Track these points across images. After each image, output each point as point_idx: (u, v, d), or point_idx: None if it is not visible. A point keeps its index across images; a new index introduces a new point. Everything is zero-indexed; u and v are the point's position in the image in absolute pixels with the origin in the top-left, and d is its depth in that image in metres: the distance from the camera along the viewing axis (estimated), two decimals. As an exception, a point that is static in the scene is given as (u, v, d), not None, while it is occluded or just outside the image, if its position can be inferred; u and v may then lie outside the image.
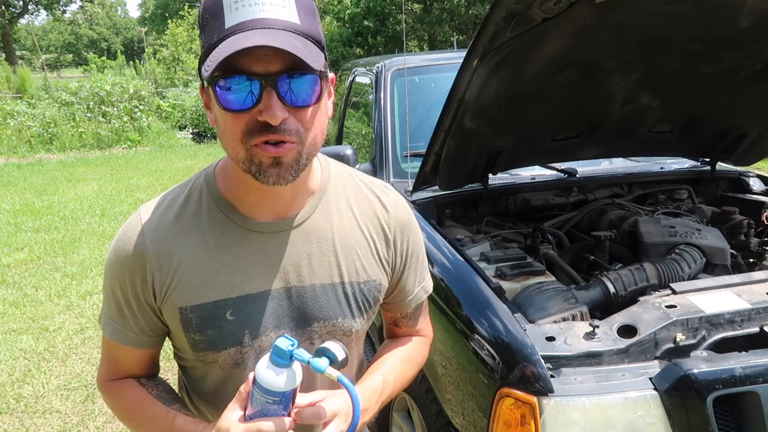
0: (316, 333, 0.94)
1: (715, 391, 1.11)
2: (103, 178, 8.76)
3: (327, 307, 0.94)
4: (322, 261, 0.93)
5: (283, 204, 0.91)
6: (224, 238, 0.89)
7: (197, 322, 0.89)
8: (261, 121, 0.76)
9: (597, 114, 2.02)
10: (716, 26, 1.61)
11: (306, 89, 0.78)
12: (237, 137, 0.78)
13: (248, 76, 0.75)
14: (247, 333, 0.90)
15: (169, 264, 0.88)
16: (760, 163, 3.04)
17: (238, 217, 0.90)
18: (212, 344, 0.90)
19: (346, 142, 3.44)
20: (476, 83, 1.57)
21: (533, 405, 1.16)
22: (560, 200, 2.35)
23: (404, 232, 1.01)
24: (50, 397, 2.98)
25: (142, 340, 0.94)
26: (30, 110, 12.11)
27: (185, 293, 0.88)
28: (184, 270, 0.88)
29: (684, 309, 1.32)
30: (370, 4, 16.16)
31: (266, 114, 0.75)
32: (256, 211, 0.90)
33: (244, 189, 0.89)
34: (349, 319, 0.96)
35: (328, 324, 0.94)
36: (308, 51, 0.76)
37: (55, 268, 4.90)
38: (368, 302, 0.98)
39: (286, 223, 0.91)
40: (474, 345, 1.39)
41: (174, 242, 0.89)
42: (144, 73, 20.97)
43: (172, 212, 0.91)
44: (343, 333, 0.96)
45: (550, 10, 1.33)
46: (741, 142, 2.25)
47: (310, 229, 0.93)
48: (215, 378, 0.95)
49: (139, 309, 0.91)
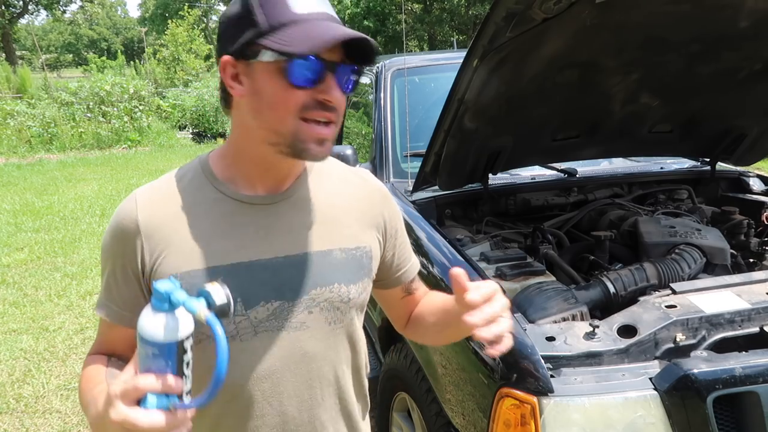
0: (314, 301, 0.95)
1: (715, 391, 1.11)
2: (103, 178, 8.76)
3: (321, 274, 0.95)
4: (314, 229, 0.97)
5: (280, 178, 0.96)
6: (216, 209, 0.93)
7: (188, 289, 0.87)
8: (319, 100, 0.85)
9: (597, 114, 2.02)
10: (716, 26, 1.61)
11: (352, 80, 0.89)
12: (292, 110, 0.85)
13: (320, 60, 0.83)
14: (239, 302, 0.91)
15: (160, 233, 0.91)
16: (760, 163, 3.04)
17: (231, 191, 0.94)
18: None
19: (346, 142, 3.44)
20: (476, 83, 1.57)
21: (533, 405, 1.16)
22: (560, 200, 2.35)
23: (387, 201, 1.08)
24: (50, 397, 2.98)
25: (123, 315, 0.93)
26: (30, 110, 12.11)
27: (176, 261, 0.90)
28: (174, 238, 0.91)
29: (684, 309, 1.32)
30: (370, 4, 16.17)
31: (328, 94, 0.85)
32: (250, 186, 0.94)
33: (249, 164, 0.93)
34: (344, 285, 0.97)
35: (325, 290, 0.96)
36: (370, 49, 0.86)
37: (55, 268, 4.90)
38: (362, 268, 1.00)
39: (277, 197, 0.96)
40: (474, 345, 1.39)
41: (165, 212, 0.92)
42: (144, 73, 20.97)
43: (165, 188, 0.95)
44: (341, 300, 0.97)
45: (550, 10, 1.33)
46: (741, 142, 2.25)
47: (301, 199, 0.97)
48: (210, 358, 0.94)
49: (125, 280, 0.92)
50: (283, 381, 0.95)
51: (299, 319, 0.95)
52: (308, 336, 0.96)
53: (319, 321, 0.96)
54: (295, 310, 0.94)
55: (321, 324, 0.96)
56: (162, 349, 0.70)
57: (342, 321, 0.99)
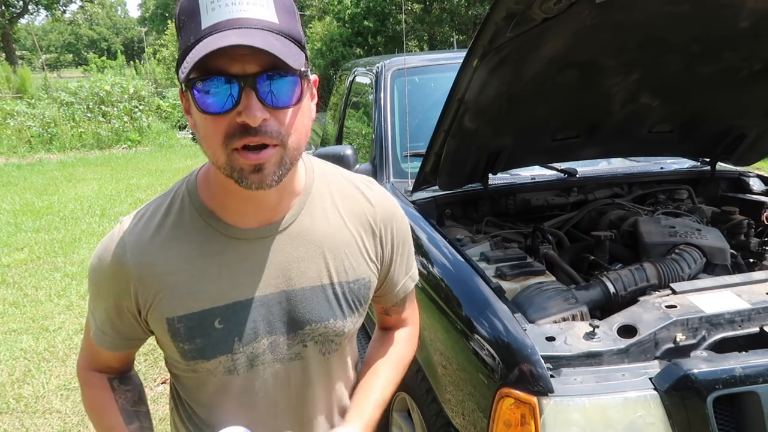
0: (308, 336, 0.93)
1: (715, 391, 1.11)
2: (103, 178, 8.76)
3: (318, 310, 0.92)
4: (310, 263, 0.92)
5: (268, 209, 0.89)
6: (208, 246, 0.87)
7: (185, 331, 0.87)
8: (240, 124, 0.74)
9: (597, 114, 2.02)
10: (716, 26, 1.61)
11: (286, 90, 0.76)
12: (217, 142, 0.76)
13: (226, 78, 0.72)
14: (236, 340, 0.89)
15: (152, 276, 0.86)
16: (760, 163, 3.05)
17: (222, 225, 0.88)
18: (202, 353, 0.89)
19: (346, 142, 3.44)
20: (476, 83, 1.57)
21: (533, 405, 1.16)
22: (560, 200, 2.35)
23: (391, 225, 1.00)
24: (50, 397, 2.98)
25: (117, 343, 0.95)
26: (30, 110, 12.11)
27: (171, 304, 0.87)
28: (168, 281, 0.86)
29: (684, 309, 1.32)
30: (370, 4, 16.16)
31: (245, 115, 0.73)
32: (241, 217, 0.88)
33: (228, 195, 0.87)
34: (341, 320, 0.95)
35: (320, 326, 0.93)
36: (287, 50, 0.74)
37: (55, 268, 4.90)
38: (358, 301, 0.97)
39: (272, 228, 0.89)
40: (474, 345, 1.39)
41: (156, 254, 0.86)
42: (144, 73, 20.97)
43: (154, 223, 0.89)
44: (336, 334, 0.95)
45: (550, 10, 1.33)
46: (741, 142, 2.25)
47: (297, 232, 0.91)
48: (209, 386, 0.95)
49: (120, 317, 0.91)
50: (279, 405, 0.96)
51: (294, 351, 0.94)
52: (303, 366, 0.96)
53: (313, 352, 0.95)
54: (290, 344, 0.93)
55: (315, 354, 0.96)
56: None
57: (337, 350, 0.99)
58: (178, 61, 0.76)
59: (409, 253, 1.08)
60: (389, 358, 1.10)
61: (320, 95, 0.97)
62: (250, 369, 0.92)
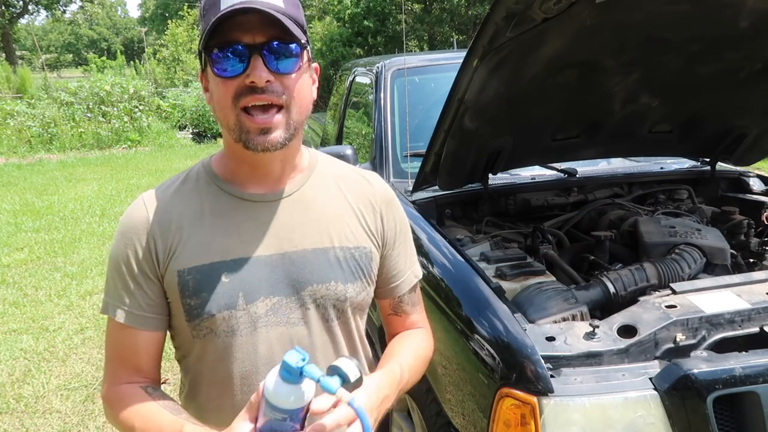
0: (310, 298, 0.97)
1: (715, 391, 1.11)
2: (103, 178, 8.76)
3: (319, 271, 0.97)
4: (313, 227, 0.98)
5: (274, 177, 0.97)
6: (219, 206, 0.96)
7: (194, 284, 0.93)
8: (248, 85, 0.85)
9: (597, 114, 2.02)
10: (716, 26, 1.61)
11: (289, 58, 0.88)
12: (227, 102, 0.87)
13: (238, 46, 0.84)
14: (241, 296, 0.93)
15: (169, 231, 0.94)
16: (760, 163, 3.04)
17: (232, 188, 0.97)
18: (207, 307, 0.92)
19: (346, 142, 3.44)
20: (476, 83, 1.57)
21: (533, 405, 1.16)
22: (560, 200, 2.35)
23: (390, 208, 1.08)
24: (50, 397, 2.98)
25: (147, 317, 0.96)
26: (30, 110, 12.10)
27: (184, 256, 0.93)
28: (183, 235, 0.94)
29: (684, 309, 1.32)
30: (370, 4, 16.15)
31: (252, 75, 0.84)
32: (249, 184, 0.97)
33: (238, 163, 0.96)
34: (341, 283, 0.98)
35: (321, 287, 0.97)
36: (290, 25, 0.85)
37: (55, 268, 4.90)
38: (360, 269, 1.01)
39: (277, 194, 0.98)
40: (474, 345, 1.39)
41: (173, 211, 0.95)
42: (144, 73, 20.96)
43: (172, 189, 0.99)
44: (337, 298, 0.98)
45: (550, 10, 1.33)
46: (741, 142, 2.25)
47: (300, 199, 0.99)
48: (213, 352, 0.96)
49: (146, 280, 0.95)
50: None
51: (296, 315, 0.96)
52: (306, 332, 0.97)
53: (315, 318, 0.98)
54: (292, 306, 0.96)
55: (318, 321, 0.98)
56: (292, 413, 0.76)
57: (340, 319, 1.01)
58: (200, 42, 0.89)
59: (411, 246, 1.13)
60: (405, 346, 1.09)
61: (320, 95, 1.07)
62: (253, 332, 0.94)
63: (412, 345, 1.11)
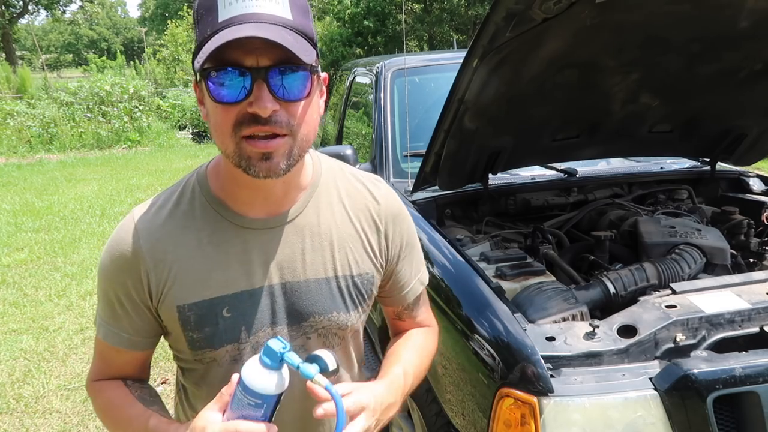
0: (312, 328, 0.95)
1: (715, 391, 1.11)
2: (103, 178, 8.76)
3: (321, 302, 0.94)
4: (315, 256, 0.94)
5: (275, 200, 0.91)
6: (217, 235, 0.90)
7: (195, 320, 0.89)
8: (251, 113, 0.77)
9: (597, 114, 2.02)
10: (716, 26, 1.61)
11: (297, 83, 0.78)
12: (227, 130, 0.79)
13: (240, 70, 0.75)
14: (243, 329, 0.91)
15: (164, 263, 0.88)
16: (760, 163, 3.04)
17: (231, 214, 0.90)
18: (210, 342, 0.90)
19: (346, 142, 3.44)
20: (476, 83, 1.57)
21: (533, 405, 1.16)
22: (560, 200, 2.35)
23: (396, 223, 1.02)
24: (50, 397, 2.98)
25: (136, 341, 0.94)
26: (30, 110, 12.11)
27: (182, 291, 0.89)
28: (179, 268, 0.88)
29: (684, 309, 1.32)
30: (370, 4, 16.15)
31: (256, 105, 0.76)
32: (249, 208, 0.91)
33: (236, 185, 0.89)
34: (344, 313, 0.96)
35: (323, 318, 0.95)
36: (299, 45, 0.76)
37: (55, 268, 4.90)
38: (362, 296, 0.98)
39: (279, 219, 0.92)
40: (474, 345, 1.39)
41: (167, 241, 0.89)
42: (144, 74, 20.98)
43: (165, 212, 0.91)
44: (339, 327, 0.97)
45: (550, 10, 1.33)
46: (741, 142, 2.25)
47: (303, 224, 0.93)
48: (215, 377, 0.95)
49: (134, 309, 0.91)
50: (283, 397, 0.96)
51: (297, 343, 0.95)
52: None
53: (316, 345, 0.96)
54: (294, 335, 0.94)
55: (318, 347, 0.95)
56: (266, 400, 0.77)
57: (340, 344, 1.00)
58: (195, 53, 0.79)
59: (418, 254, 1.09)
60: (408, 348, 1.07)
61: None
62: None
63: (416, 343, 1.09)
